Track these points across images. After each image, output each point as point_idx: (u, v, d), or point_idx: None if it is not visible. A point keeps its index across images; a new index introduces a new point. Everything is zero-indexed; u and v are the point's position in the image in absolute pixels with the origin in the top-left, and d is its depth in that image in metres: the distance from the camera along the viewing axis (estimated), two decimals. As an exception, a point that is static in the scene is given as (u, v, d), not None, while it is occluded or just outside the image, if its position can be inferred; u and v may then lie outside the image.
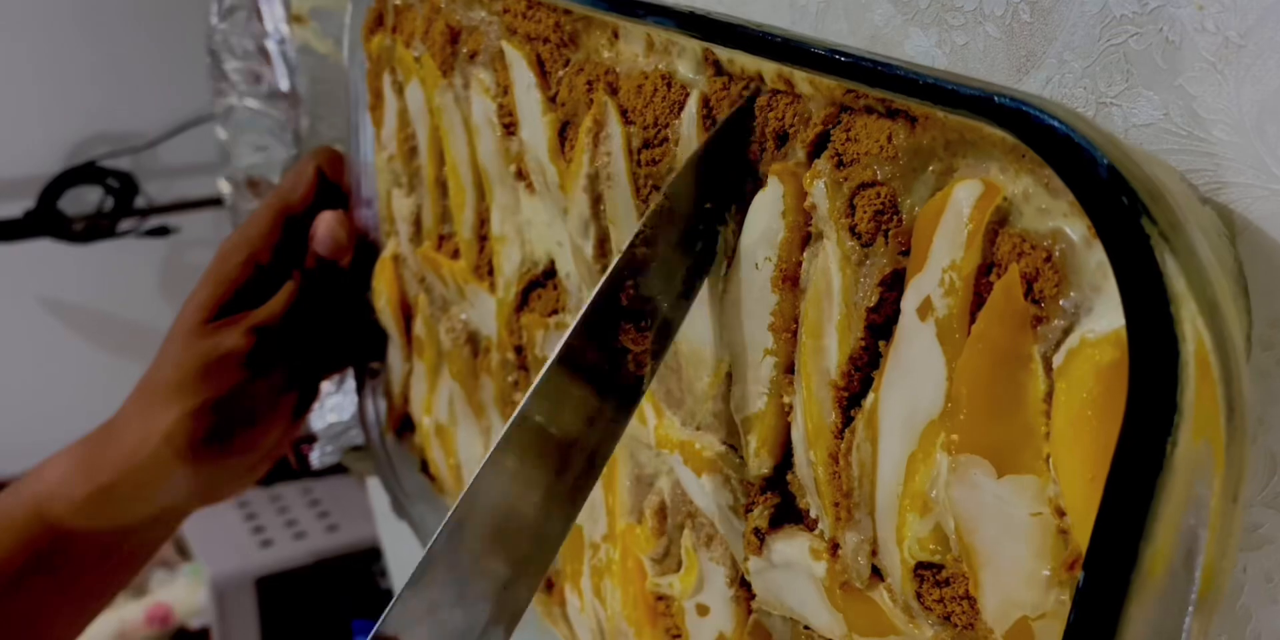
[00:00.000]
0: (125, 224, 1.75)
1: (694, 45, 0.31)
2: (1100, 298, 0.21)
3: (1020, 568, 0.24)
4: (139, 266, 1.87)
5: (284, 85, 0.73)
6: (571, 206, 0.37)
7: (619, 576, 0.38)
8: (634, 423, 0.36)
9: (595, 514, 0.40)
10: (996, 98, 0.21)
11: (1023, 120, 0.21)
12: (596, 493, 0.40)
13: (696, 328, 0.32)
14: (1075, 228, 0.22)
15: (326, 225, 0.52)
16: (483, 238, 0.45)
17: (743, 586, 0.33)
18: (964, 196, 0.24)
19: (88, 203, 1.72)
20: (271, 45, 0.72)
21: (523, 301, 0.42)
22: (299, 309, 0.51)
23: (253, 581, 1.38)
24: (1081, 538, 0.22)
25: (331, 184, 0.54)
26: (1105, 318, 0.21)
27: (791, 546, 0.30)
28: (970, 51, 0.30)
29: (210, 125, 0.80)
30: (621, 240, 0.35)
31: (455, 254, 0.47)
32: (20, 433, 1.80)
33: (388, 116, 0.50)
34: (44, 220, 1.65)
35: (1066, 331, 0.22)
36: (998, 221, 0.23)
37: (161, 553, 1.73)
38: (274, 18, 0.71)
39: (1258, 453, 0.25)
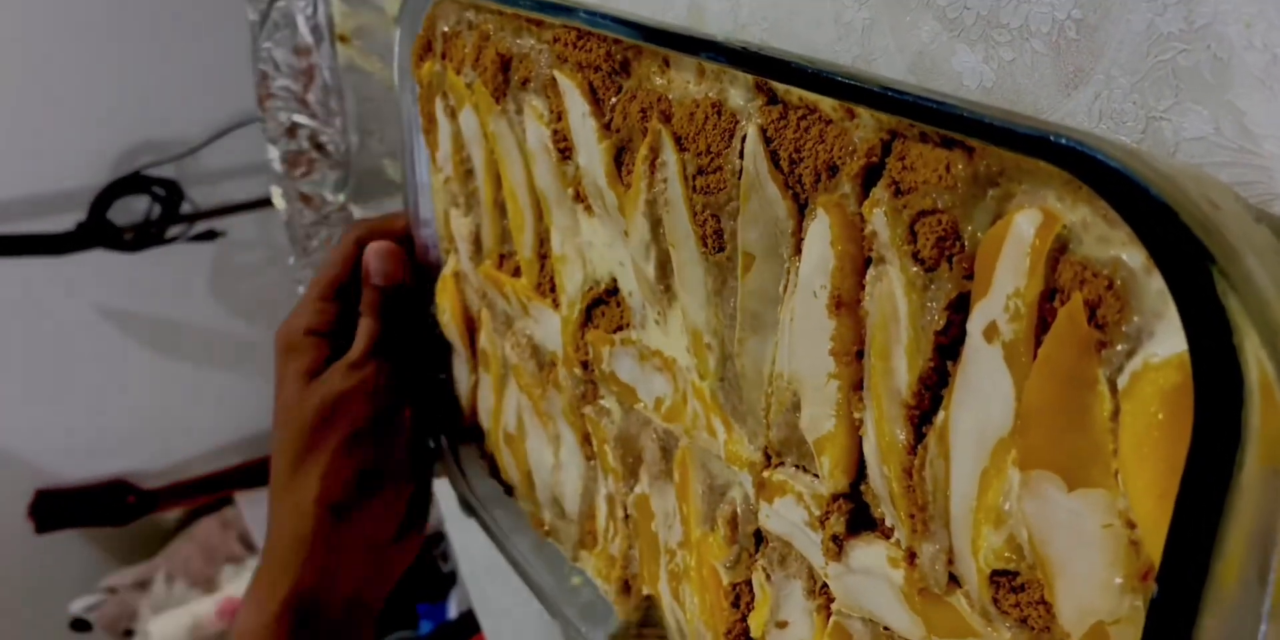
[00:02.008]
0: (173, 230, 1.79)
1: (746, 75, 0.32)
2: (1162, 323, 0.22)
3: (1094, 576, 0.25)
4: (190, 271, 1.91)
5: (332, 102, 0.75)
6: (632, 230, 0.38)
7: (695, 583, 0.40)
8: (704, 435, 0.38)
9: (670, 520, 0.41)
10: (1052, 137, 0.22)
11: (1078, 158, 0.22)
12: (671, 500, 0.41)
13: (759, 353, 0.34)
14: (1134, 256, 0.23)
15: (376, 255, 0.55)
16: (543, 257, 0.46)
17: (821, 594, 0.34)
18: (1025, 225, 0.25)
19: (136, 212, 1.76)
20: (318, 61, 0.74)
21: (587, 318, 0.43)
22: (384, 340, 0.54)
23: None
24: (1153, 549, 0.23)
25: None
26: (1167, 342, 0.22)
27: (869, 554, 0.32)
28: (1018, 67, 0.30)
29: (252, 128, 0.82)
30: (682, 262, 0.36)
31: (516, 272, 0.48)
32: (93, 438, 1.86)
33: (442, 140, 0.51)
34: (95, 231, 1.69)
35: (1130, 355, 0.23)
36: (1058, 249, 0.24)
37: (229, 548, 1.78)
38: (319, 36, 0.72)
39: None
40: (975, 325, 0.26)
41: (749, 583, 0.38)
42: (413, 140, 0.54)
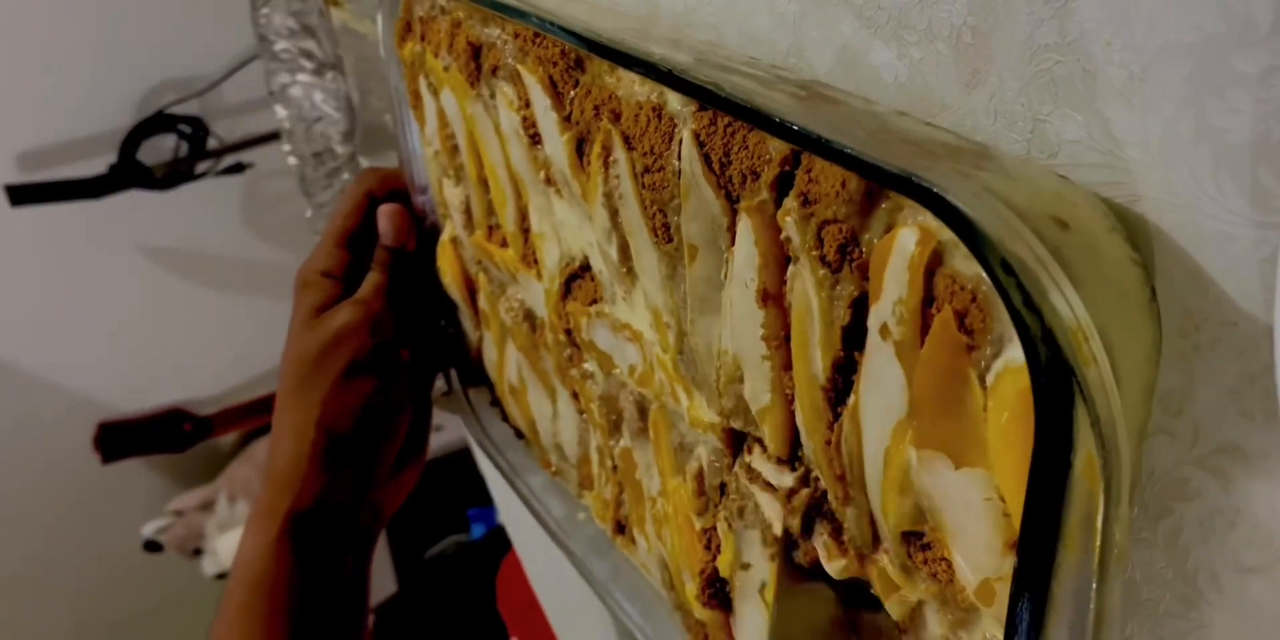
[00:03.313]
0: (202, 166, 1.82)
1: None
2: (1014, 332, 0.26)
3: (981, 540, 0.29)
4: (222, 204, 1.96)
5: (331, 58, 0.77)
6: (594, 216, 0.41)
7: (673, 526, 0.44)
8: (671, 400, 0.42)
9: (651, 472, 0.46)
10: (914, 178, 0.25)
11: (927, 195, 0.25)
12: (650, 454, 0.45)
13: (708, 333, 0.37)
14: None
15: (386, 217, 0.58)
16: (525, 230, 0.49)
17: (774, 543, 0.39)
18: (906, 240, 0.28)
19: (165, 150, 1.80)
20: (315, 21, 0.76)
21: (566, 290, 0.47)
22: (391, 289, 0.57)
23: None
24: (1016, 522, 0.27)
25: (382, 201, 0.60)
26: (1018, 350, 0.26)
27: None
28: (926, 65, 0.33)
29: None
30: (639, 249, 0.39)
31: (504, 243, 0.52)
32: (147, 370, 1.94)
33: (428, 115, 0.54)
34: (128, 172, 1.73)
35: (995, 357, 0.26)
36: (934, 262, 0.27)
37: None
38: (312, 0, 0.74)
39: (1183, 423, 0.29)
40: (872, 323, 0.30)
41: (716, 528, 0.42)
42: (403, 114, 0.57)
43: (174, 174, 1.78)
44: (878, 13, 0.34)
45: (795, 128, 0.28)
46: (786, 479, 0.36)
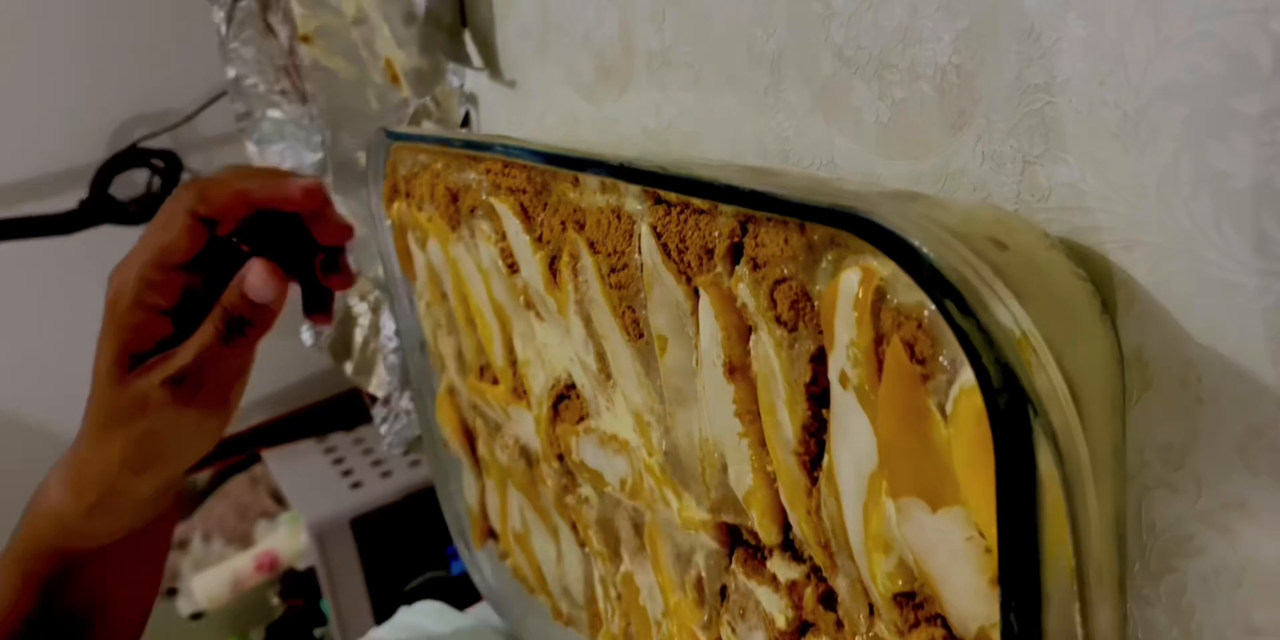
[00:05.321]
0: None
1: (636, 186, 0.37)
2: (962, 349, 0.26)
3: (968, 585, 0.28)
4: None
5: (303, 93, 0.77)
6: (571, 328, 0.42)
7: (682, 647, 0.43)
8: (662, 506, 0.41)
9: (653, 594, 0.44)
10: (846, 210, 0.26)
11: (863, 225, 0.26)
12: (650, 573, 0.44)
13: (688, 424, 0.37)
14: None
15: (260, 276, 0.46)
16: (514, 363, 0.50)
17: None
18: (850, 282, 0.28)
19: (137, 184, 1.73)
20: (285, 59, 0.77)
21: (555, 413, 0.47)
22: (217, 349, 0.46)
23: (348, 522, 1.44)
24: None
25: (209, 220, 0.46)
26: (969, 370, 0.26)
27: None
28: (909, 106, 0.32)
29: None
30: (614, 351, 0.40)
31: (495, 381, 0.52)
32: None
33: (418, 270, 0.56)
34: (100, 207, 1.66)
35: (950, 383, 0.26)
36: (879, 300, 0.28)
37: (261, 504, 1.79)
38: (283, 34, 0.75)
39: (1185, 477, 0.28)
40: (832, 374, 0.30)
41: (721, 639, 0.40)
42: (393, 270, 0.59)
43: (147, 209, 1.70)
44: (859, 52, 0.34)
45: (734, 187, 0.29)
46: (792, 571, 0.35)
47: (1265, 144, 0.23)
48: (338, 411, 1.75)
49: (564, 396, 0.47)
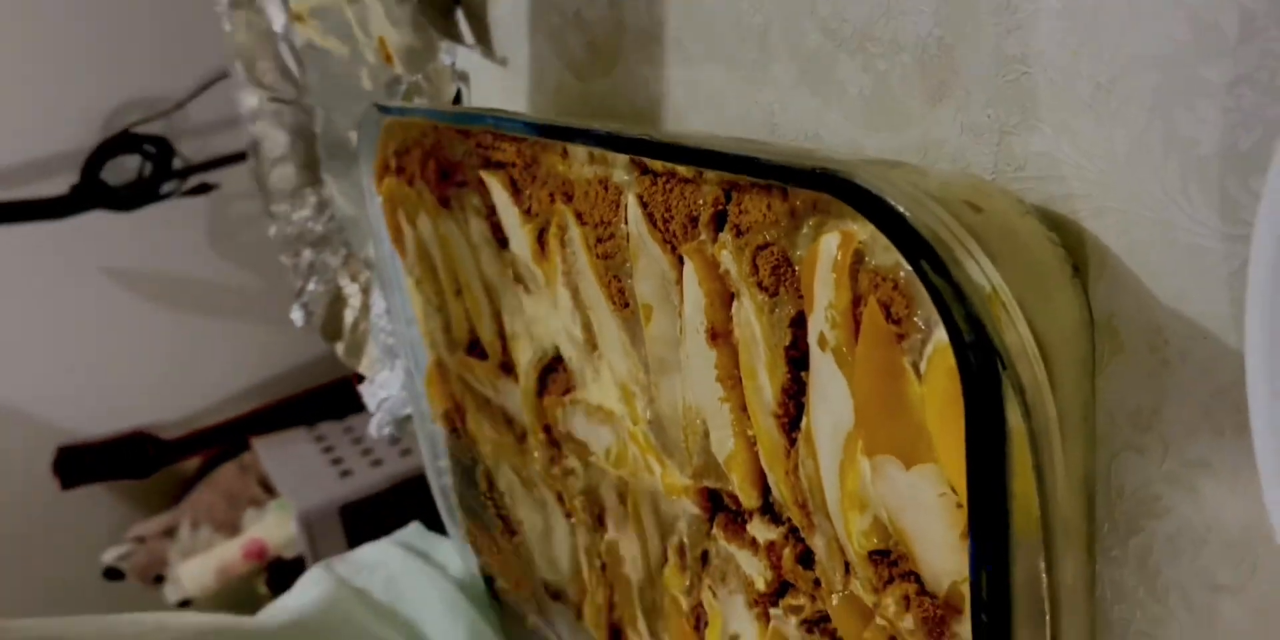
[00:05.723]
0: (167, 186, 1.73)
1: (623, 156, 0.37)
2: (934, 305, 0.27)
3: (940, 541, 0.28)
4: (187, 226, 1.87)
5: (297, 78, 0.77)
6: (558, 300, 0.43)
7: (667, 614, 0.43)
8: (645, 474, 0.42)
9: (636, 563, 0.45)
10: (825, 171, 0.27)
11: (841, 185, 0.26)
12: (635, 542, 0.45)
13: (671, 392, 0.38)
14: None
15: None
16: (502, 337, 0.51)
17: (758, 604, 0.38)
18: (829, 245, 0.29)
19: (129, 170, 1.71)
20: (280, 42, 0.76)
21: (542, 386, 0.48)
22: None
23: (337, 510, 1.44)
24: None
25: None
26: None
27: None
28: (891, 77, 0.33)
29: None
30: (600, 321, 0.41)
31: (484, 355, 0.53)
32: (109, 394, 1.84)
33: (408, 246, 0.57)
34: (91, 192, 1.65)
35: (925, 342, 0.27)
36: (857, 262, 0.29)
37: (250, 492, 1.79)
38: (277, 16, 0.75)
39: (1153, 439, 0.28)
40: (811, 337, 0.30)
41: (703, 604, 0.41)
42: (383, 249, 0.60)
43: (138, 194, 1.68)
44: (842, 25, 0.34)
45: (718, 152, 0.30)
46: (770, 533, 0.36)
47: (1231, 110, 0.24)
48: (328, 400, 1.75)
49: (551, 369, 0.47)
